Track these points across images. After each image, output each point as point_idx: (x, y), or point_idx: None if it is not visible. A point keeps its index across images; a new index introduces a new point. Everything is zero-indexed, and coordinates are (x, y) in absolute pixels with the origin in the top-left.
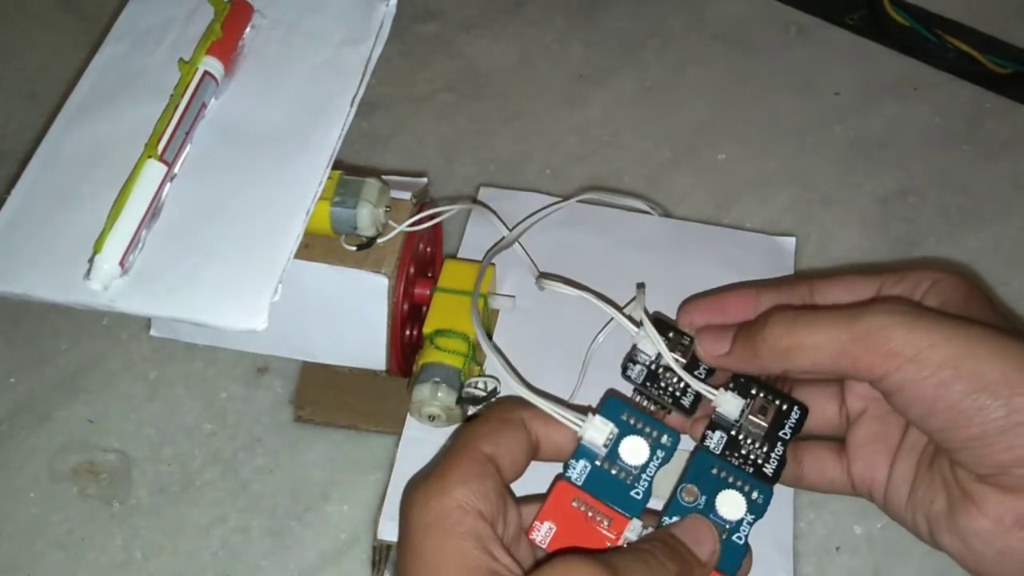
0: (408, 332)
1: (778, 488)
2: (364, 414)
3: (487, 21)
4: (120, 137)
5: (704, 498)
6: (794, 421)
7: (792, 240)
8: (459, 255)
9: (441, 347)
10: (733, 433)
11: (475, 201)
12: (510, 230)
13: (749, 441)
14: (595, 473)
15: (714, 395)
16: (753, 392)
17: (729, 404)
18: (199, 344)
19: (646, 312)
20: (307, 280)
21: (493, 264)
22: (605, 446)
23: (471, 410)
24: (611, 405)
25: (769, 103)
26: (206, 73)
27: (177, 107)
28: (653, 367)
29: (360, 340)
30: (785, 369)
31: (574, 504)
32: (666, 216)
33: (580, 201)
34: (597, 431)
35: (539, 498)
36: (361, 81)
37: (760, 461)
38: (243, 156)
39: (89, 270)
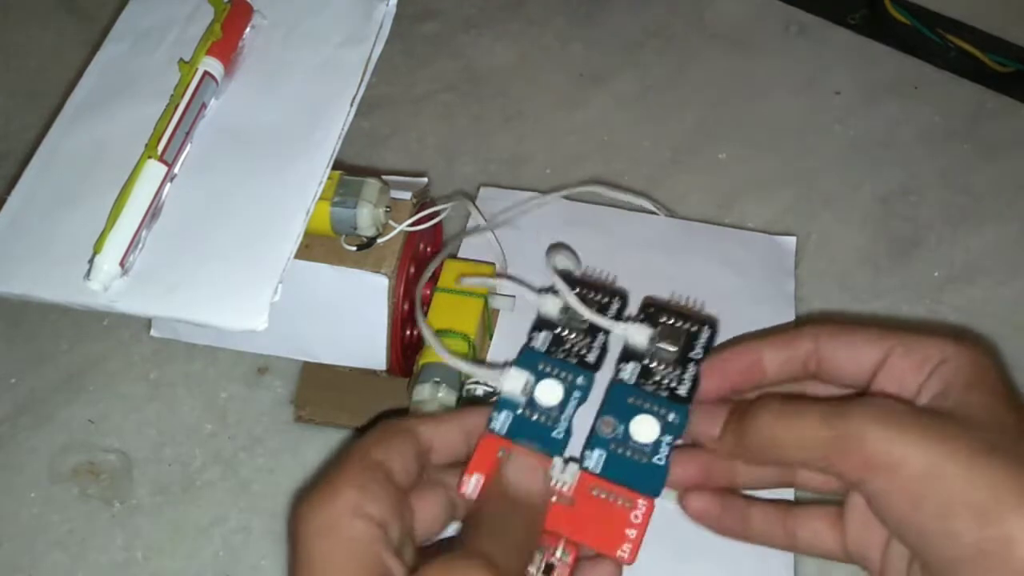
0: (408, 332)
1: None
2: (364, 414)
3: (487, 21)
4: (120, 137)
5: (622, 427)
6: (705, 340)
7: (792, 240)
8: (459, 255)
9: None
10: (646, 362)
11: (465, 195)
12: (486, 221)
13: (662, 367)
14: (516, 421)
15: (623, 328)
16: (662, 320)
17: (638, 334)
18: (199, 344)
19: (555, 271)
20: (307, 280)
21: (493, 264)
22: (524, 395)
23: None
24: (526, 356)
25: (769, 103)
26: (206, 73)
27: (177, 107)
28: (557, 332)
29: (360, 340)
30: (775, 464)
31: (500, 454)
32: (668, 215)
33: (583, 192)
34: (514, 381)
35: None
36: (361, 81)
37: (674, 385)
38: (243, 156)
39: (89, 270)
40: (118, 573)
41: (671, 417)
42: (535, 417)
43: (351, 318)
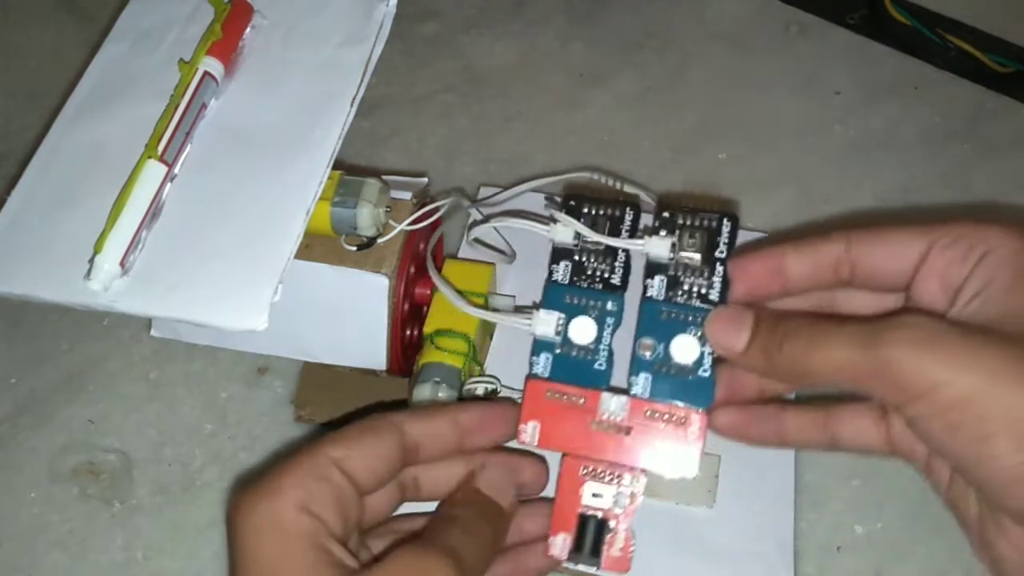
0: (408, 332)
1: (779, 488)
2: (364, 414)
3: (487, 21)
4: (120, 137)
5: (662, 346)
6: (726, 236)
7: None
8: (459, 255)
9: (441, 347)
10: (671, 272)
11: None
12: (483, 216)
13: (688, 274)
14: (557, 361)
15: (641, 244)
16: (680, 222)
17: (658, 246)
18: (199, 344)
19: (552, 201)
20: (307, 280)
21: (493, 264)
22: (558, 334)
23: None
24: (552, 291)
25: (769, 103)
26: (206, 73)
27: (177, 107)
28: (577, 259)
29: (360, 340)
30: (802, 387)
31: (548, 396)
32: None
33: (577, 178)
34: (545, 323)
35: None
36: (361, 81)
37: (704, 291)
38: (243, 156)
39: (89, 270)
40: (118, 573)
41: None
42: (574, 353)
43: (351, 318)
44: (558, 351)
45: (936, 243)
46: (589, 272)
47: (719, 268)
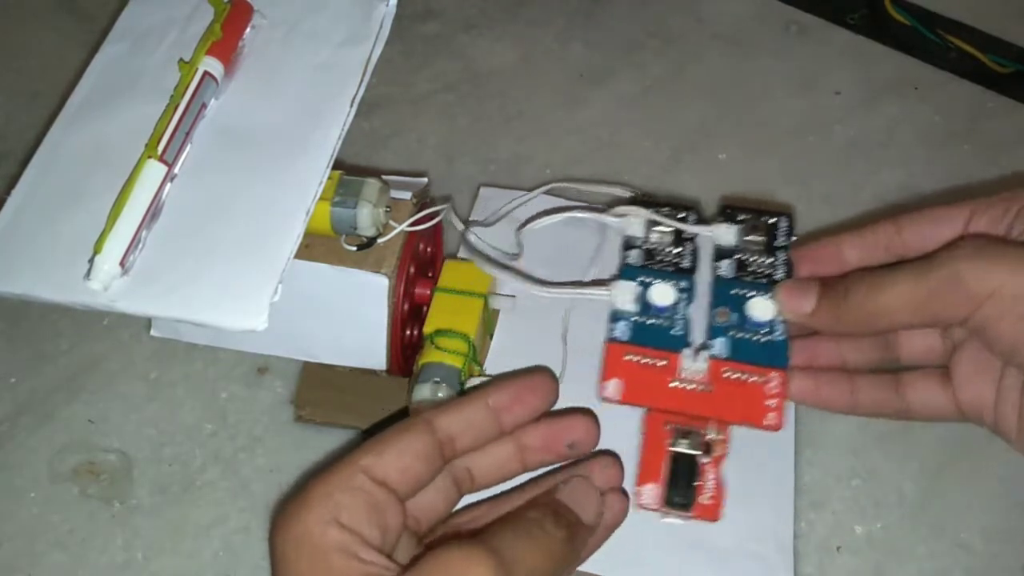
0: (408, 332)
1: (779, 488)
2: (364, 414)
3: (487, 21)
4: (120, 137)
5: (735, 315)
6: (785, 228)
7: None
8: (459, 255)
9: (441, 347)
10: (738, 257)
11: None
12: (466, 224)
13: (754, 258)
14: (635, 327)
15: (711, 231)
16: (740, 217)
17: (726, 234)
18: (199, 344)
19: (629, 201)
20: (307, 280)
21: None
22: (635, 303)
23: None
24: (628, 271)
25: (769, 103)
26: (206, 73)
27: (177, 107)
28: (646, 247)
29: (360, 340)
30: (876, 331)
31: (627, 358)
32: (644, 194)
33: (550, 192)
34: (624, 293)
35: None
36: (361, 81)
37: (770, 272)
38: (243, 156)
39: (89, 270)
40: (118, 573)
41: None
42: (651, 321)
43: (351, 318)
44: (635, 319)
45: (976, 211)
46: (660, 258)
47: (781, 254)
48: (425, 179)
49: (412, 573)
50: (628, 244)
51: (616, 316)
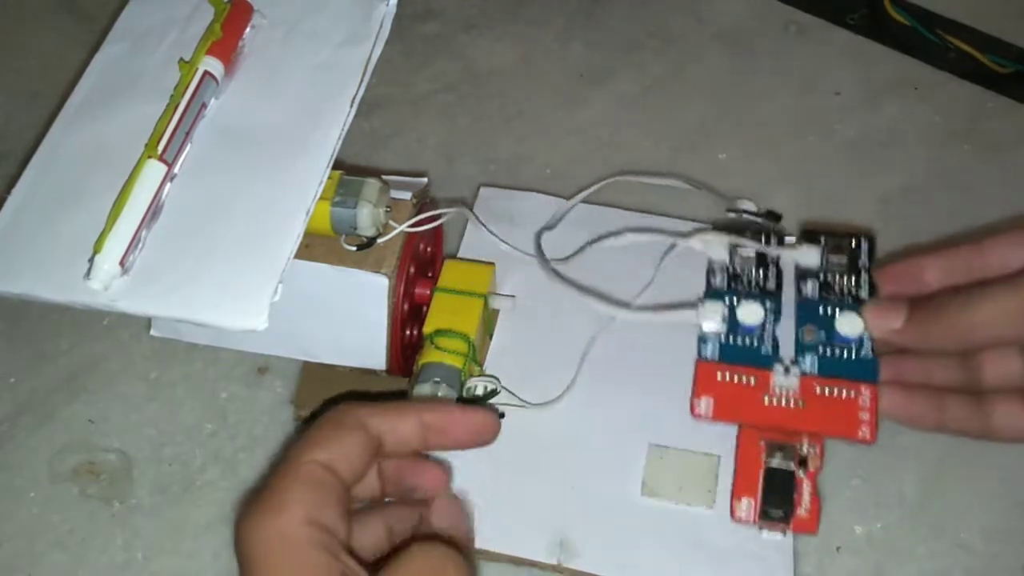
0: (408, 332)
1: None
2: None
3: (487, 21)
4: (120, 137)
5: (822, 332)
6: (866, 249)
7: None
8: (459, 255)
9: (441, 347)
10: (821, 277)
11: (464, 203)
12: (488, 229)
13: (838, 278)
14: (724, 348)
15: (796, 251)
16: (821, 239)
17: (809, 254)
18: (199, 344)
19: (716, 227)
20: (307, 280)
21: (493, 264)
22: (723, 322)
23: None
24: (713, 294)
25: (769, 103)
26: (206, 73)
27: (177, 107)
28: (729, 270)
29: (360, 340)
30: (968, 346)
31: (718, 377)
32: (732, 209)
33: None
34: (711, 314)
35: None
36: (361, 81)
37: (854, 291)
38: (243, 156)
39: (89, 270)
40: (118, 573)
41: None
42: (739, 342)
43: (351, 318)
44: (722, 340)
45: None
46: (744, 280)
47: (864, 275)
48: (425, 179)
49: (396, 572)
50: (711, 268)
51: (703, 338)
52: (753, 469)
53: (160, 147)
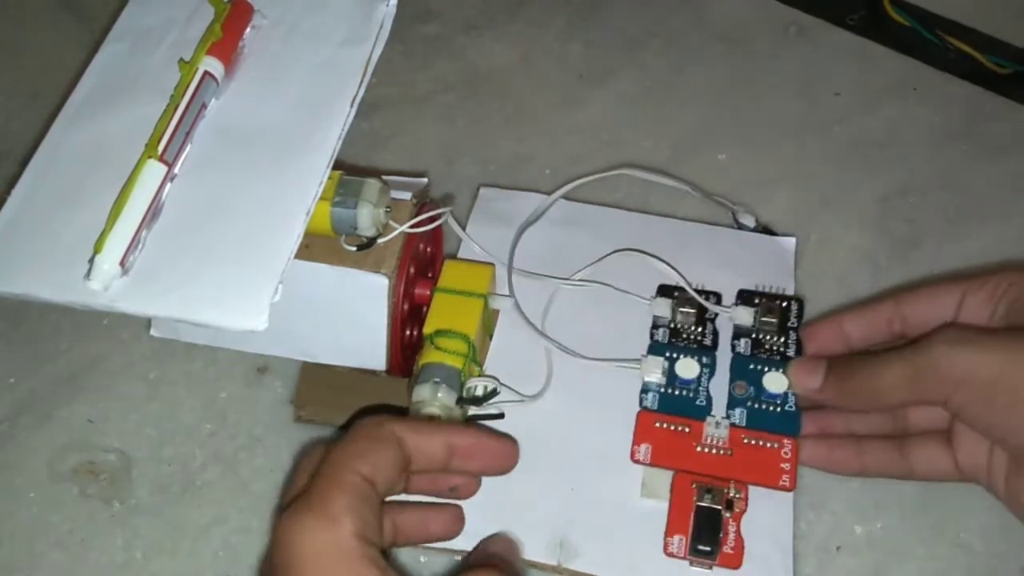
0: (408, 332)
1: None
2: (364, 414)
3: (487, 21)
4: (120, 137)
5: (751, 388)
6: (796, 311)
7: (792, 240)
8: (459, 255)
9: (441, 347)
10: (754, 336)
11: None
12: (466, 235)
13: (768, 337)
14: (663, 398)
15: (730, 312)
16: (756, 301)
17: (743, 315)
18: (199, 344)
19: (659, 290)
20: (307, 280)
21: (492, 264)
22: (663, 375)
23: (471, 410)
24: (655, 347)
25: (769, 103)
26: (206, 73)
27: (177, 107)
28: (672, 326)
29: (360, 340)
30: (875, 408)
31: (656, 425)
32: (702, 195)
33: (613, 176)
34: (652, 367)
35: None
36: (361, 81)
37: (782, 349)
38: (243, 156)
39: (89, 270)
40: (118, 573)
41: None
42: (677, 392)
43: (351, 318)
44: (662, 390)
45: (968, 290)
46: (684, 336)
47: (792, 334)
48: (425, 179)
49: None
50: (655, 324)
51: (646, 387)
52: (685, 510)
53: (160, 147)
